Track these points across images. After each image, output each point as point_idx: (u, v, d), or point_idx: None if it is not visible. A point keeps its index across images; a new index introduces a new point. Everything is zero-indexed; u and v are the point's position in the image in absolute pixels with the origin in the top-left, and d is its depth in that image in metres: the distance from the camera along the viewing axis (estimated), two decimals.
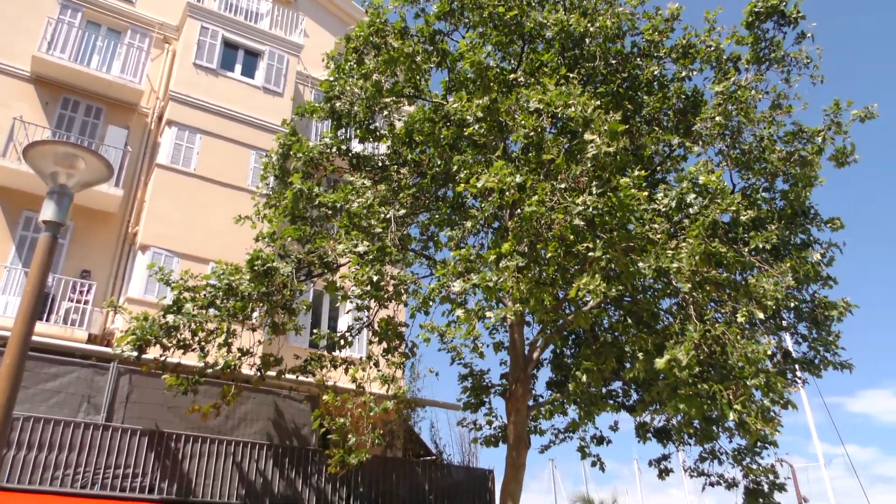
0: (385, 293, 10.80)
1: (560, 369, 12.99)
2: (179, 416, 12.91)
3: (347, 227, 10.63)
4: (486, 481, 15.59)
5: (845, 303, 10.88)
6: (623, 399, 12.93)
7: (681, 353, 8.23)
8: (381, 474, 14.29)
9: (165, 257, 14.95)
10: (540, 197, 8.55)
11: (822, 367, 11.30)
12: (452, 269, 9.59)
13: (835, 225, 11.34)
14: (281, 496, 12.96)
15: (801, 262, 10.32)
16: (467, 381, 12.45)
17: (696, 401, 8.51)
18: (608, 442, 12.94)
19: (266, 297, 10.65)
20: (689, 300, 9.05)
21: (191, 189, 16.00)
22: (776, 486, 12.03)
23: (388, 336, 11.34)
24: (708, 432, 11.36)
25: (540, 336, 11.98)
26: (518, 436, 11.54)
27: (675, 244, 9.01)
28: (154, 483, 11.88)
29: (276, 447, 13.42)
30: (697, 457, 12.95)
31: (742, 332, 9.14)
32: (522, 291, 8.57)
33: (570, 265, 8.91)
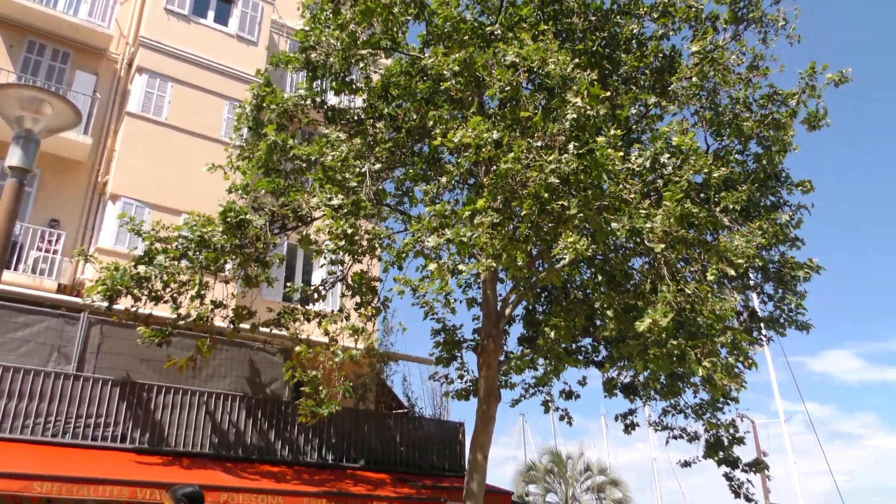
0: (359, 247, 10.79)
1: (532, 325, 13.16)
2: (152, 367, 12.92)
3: (322, 180, 10.54)
4: (456, 433, 15.90)
5: (811, 264, 11.11)
6: (592, 355, 13.19)
7: (659, 316, 8.38)
8: (354, 426, 14.50)
9: (136, 208, 14.74)
10: (516, 154, 8.55)
11: (787, 326, 11.60)
12: (427, 225, 9.59)
13: (805, 187, 11.51)
14: (254, 447, 13.12)
15: (770, 223, 10.49)
16: (440, 335, 12.56)
17: (665, 359, 8.71)
18: (576, 397, 13.23)
19: (239, 250, 10.59)
20: (662, 260, 9.18)
21: (162, 139, 15.71)
22: (735, 439, 12.44)
23: (361, 290, 11.37)
24: (674, 388, 11.66)
25: (512, 292, 12.10)
26: (489, 389, 11.73)
27: (648, 204, 9.10)
28: (126, 433, 11.94)
29: (249, 399, 13.52)
30: (661, 411, 13.30)
31: (711, 291, 9.33)
32: (496, 248, 8.62)
33: (545, 223, 8.96)
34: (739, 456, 12.54)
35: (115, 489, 9.33)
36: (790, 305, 11.56)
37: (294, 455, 13.48)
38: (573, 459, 33.02)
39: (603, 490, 32.58)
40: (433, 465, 15.18)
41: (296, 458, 13.44)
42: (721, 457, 12.47)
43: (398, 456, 14.80)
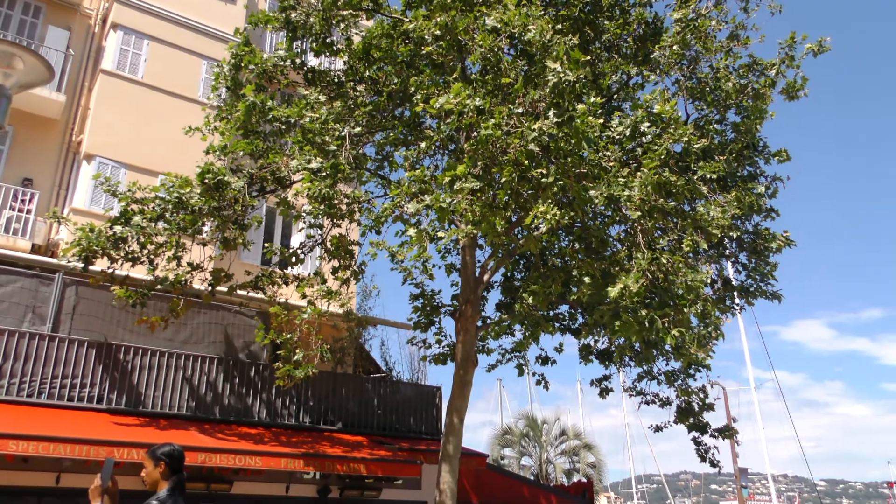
0: (338, 211, 10.76)
1: (509, 292, 13.26)
2: (128, 329, 12.87)
3: (301, 143, 10.44)
4: (433, 398, 16.09)
5: (784, 236, 11.28)
6: (569, 322, 13.34)
7: (631, 282, 8.49)
8: (332, 389, 14.61)
9: (112, 168, 14.53)
10: (497, 120, 8.53)
11: (758, 295, 11.81)
12: (406, 190, 9.57)
13: (781, 157, 11.61)
14: (231, 408, 13.18)
15: (746, 193, 10.60)
16: (418, 301, 12.63)
17: (634, 326, 8.84)
18: (553, 362, 13.40)
19: (217, 212, 10.50)
20: (638, 228, 9.26)
21: (138, 98, 15.42)
22: (705, 405, 12.72)
23: (339, 254, 11.37)
24: (647, 355, 11.85)
25: (491, 259, 12.16)
26: (466, 354, 11.85)
27: (627, 172, 9.14)
28: (102, 394, 11.93)
29: (227, 361, 13.55)
30: (636, 377, 13.53)
31: (685, 261, 9.45)
32: (475, 214, 8.64)
33: (524, 190, 8.99)
34: (709, 422, 12.84)
35: (91, 448, 9.36)
36: (762, 275, 11.75)
37: (272, 417, 13.57)
38: (548, 424, 33.60)
39: (577, 454, 33.23)
40: (410, 428, 15.38)
41: (273, 421, 13.54)
42: (691, 422, 12.76)
43: (375, 419, 14.96)
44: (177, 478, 4.37)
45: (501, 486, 18.00)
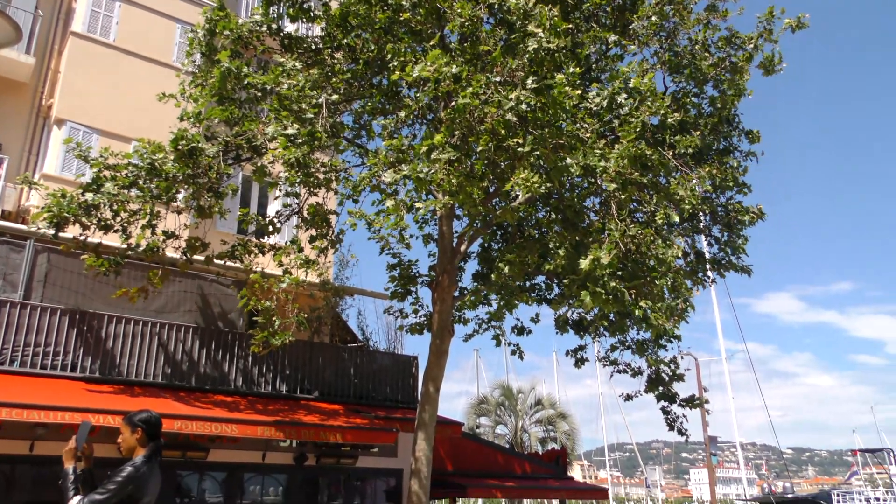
0: (314, 179, 10.69)
1: (486, 262, 13.34)
2: (101, 297, 12.74)
3: (277, 110, 10.32)
4: (410, 367, 16.20)
5: (757, 210, 11.44)
6: (545, 292, 13.47)
7: (603, 254, 8.58)
8: (308, 358, 14.65)
9: (83, 133, 14.26)
10: (474, 89, 8.50)
11: (729, 269, 12.00)
12: (384, 159, 9.53)
13: (753, 137, 11.74)
14: (207, 377, 13.18)
15: (720, 168, 10.71)
16: (395, 270, 12.67)
17: (602, 297, 8.96)
18: (528, 332, 13.56)
19: (191, 179, 10.39)
20: (613, 200, 9.34)
21: (110, 62, 15.09)
22: (675, 375, 12.98)
23: (316, 223, 11.33)
24: (620, 325, 12.03)
25: (468, 229, 12.20)
26: (442, 324, 11.94)
27: (604, 144, 9.18)
28: (76, 361, 11.86)
29: (203, 330, 13.50)
30: (609, 347, 13.74)
31: (659, 234, 9.56)
32: (452, 184, 8.64)
33: (501, 160, 9.00)
34: (677, 392, 13.11)
35: (66, 415, 9.33)
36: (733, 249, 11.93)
37: (248, 385, 13.60)
38: (524, 394, 34.05)
39: (551, 423, 33.76)
40: (386, 396, 15.50)
41: (250, 389, 13.57)
42: (660, 392, 13.02)
43: (352, 388, 15.05)
44: (154, 444, 4.38)
45: (476, 454, 18.27)
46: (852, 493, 40.36)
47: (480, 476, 17.37)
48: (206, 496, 13.67)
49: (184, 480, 13.18)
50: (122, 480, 4.04)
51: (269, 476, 14.01)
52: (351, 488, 15.08)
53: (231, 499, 13.21)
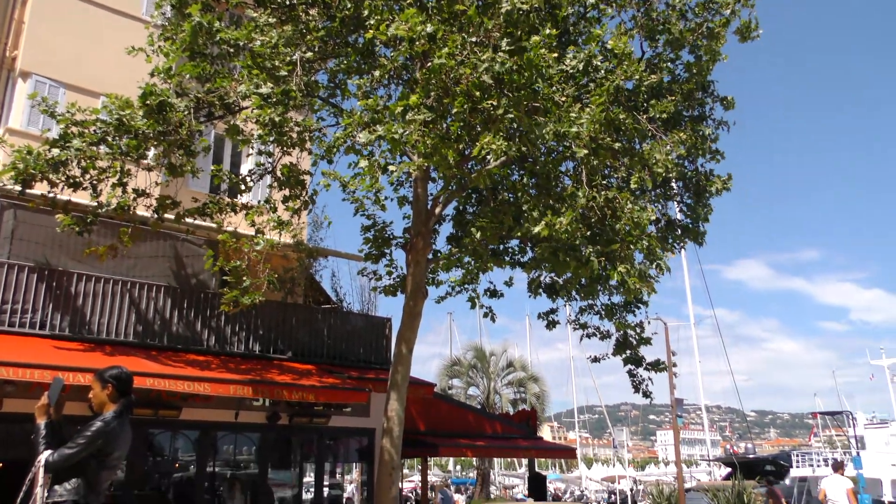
0: (288, 139, 10.57)
1: (461, 225, 13.36)
2: (71, 254, 12.58)
3: (250, 67, 10.13)
4: (383, 328, 16.30)
5: (723, 180, 11.56)
6: (518, 256, 13.57)
7: (561, 219, 8.63)
8: (281, 319, 14.66)
9: (50, 87, 13.89)
10: (450, 49, 8.42)
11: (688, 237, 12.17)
12: (358, 119, 9.44)
13: (727, 103, 11.77)
14: (179, 336, 13.15)
15: (693, 135, 10.77)
16: (369, 232, 12.64)
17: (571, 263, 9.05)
18: (500, 295, 13.66)
19: (162, 137, 10.20)
20: (584, 165, 9.37)
21: (77, 13, 14.64)
22: (642, 339, 13.22)
23: (289, 183, 11.23)
24: (591, 289, 12.18)
25: (443, 192, 12.18)
26: (416, 286, 12.00)
27: (579, 108, 9.18)
28: (45, 319, 11.75)
29: (174, 289, 13.42)
30: (578, 310, 13.91)
31: (632, 198, 9.64)
32: (427, 146, 8.61)
33: (476, 122, 8.96)
34: (644, 355, 13.36)
35: (36, 372, 9.28)
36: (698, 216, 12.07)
37: (220, 345, 13.60)
38: (496, 356, 34.47)
39: (522, 385, 34.29)
40: (360, 357, 15.60)
41: (222, 349, 13.57)
42: (627, 355, 13.26)
43: (325, 349, 15.12)
44: (125, 400, 4.41)
45: (448, 414, 18.56)
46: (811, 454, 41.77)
47: (452, 436, 17.68)
48: (178, 454, 13.76)
49: (156, 439, 13.24)
50: (91, 434, 4.07)
51: (241, 435, 14.12)
52: (324, 447, 15.26)
53: (204, 457, 13.31)
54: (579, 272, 9.22)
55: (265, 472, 14.02)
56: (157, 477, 13.24)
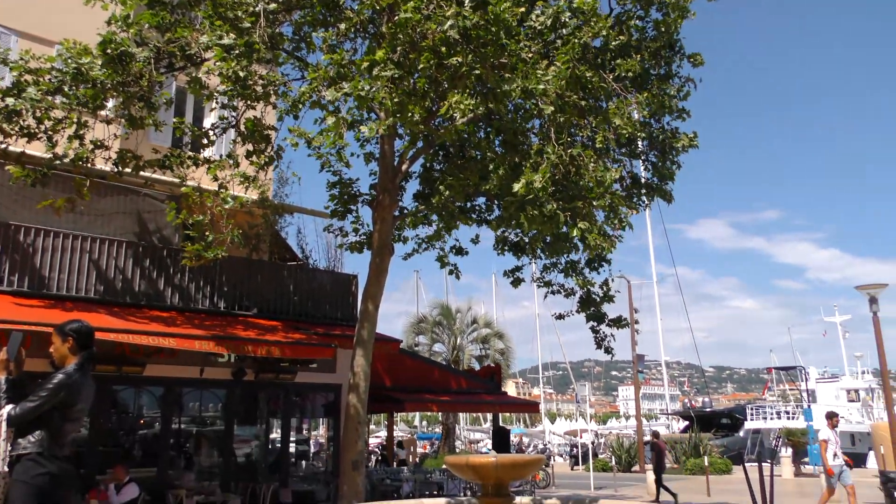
0: (252, 92, 10.37)
1: (428, 183, 13.34)
2: (27, 208, 12.28)
3: (212, 17, 9.86)
4: (349, 285, 16.31)
5: (689, 137, 11.66)
6: (485, 214, 13.62)
7: (538, 177, 8.68)
8: (247, 276, 14.57)
9: (1, 34, 13.35)
10: (416, 3, 8.29)
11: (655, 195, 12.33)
12: (324, 74, 9.30)
13: (696, 60, 11.80)
14: (142, 293, 13.00)
15: (660, 93, 10.82)
16: (336, 189, 12.56)
17: (539, 219, 9.12)
18: (466, 253, 13.75)
19: (121, 87, 9.92)
20: (552, 122, 9.38)
21: None
22: (606, 297, 13.45)
23: (253, 137, 11.05)
24: (556, 247, 12.31)
25: (410, 149, 12.12)
26: (382, 243, 12.01)
27: (546, 65, 9.15)
28: (2, 275, 11.51)
29: (136, 245, 13.23)
30: (543, 268, 14.07)
31: (597, 157, 9.69)
32: (394, 103, 8.53)
33: (443, 78, 8.89)
34: (606, 312, 13.60)
35: None
36: (663, 175, 12.20)
37: (185, 302, 13.49)
38: (462, 313, 34.79)
39: (488, 341, 34.74)
40: (326, 314, 15.63)
41: (186, 305, 13.47)
42: (591, 312, 13.50)
43: (291, 305, 15.10)
44: (86, 353, 4.38)
45: (414, 370, 18.78)
46: (764, 407, 43.36)
47: (417, 391, 17.92)
48: (143, 411, 13.74)
49: (120, 395, 13.18)
50: (53, 387, 4.06)
51: (207, 391, 14.13)
52: (290, 403, 15.37)
53: (169, 414, 13.32)
54: (545, 227, 9.30)
55: (231, 429, 14.09)
56: (122, 434, 13.23)
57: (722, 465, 27.68)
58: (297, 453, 16.18)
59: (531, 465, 8.51)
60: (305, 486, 14.82)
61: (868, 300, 15.36)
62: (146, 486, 11.43)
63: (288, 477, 14.66)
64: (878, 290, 15.29)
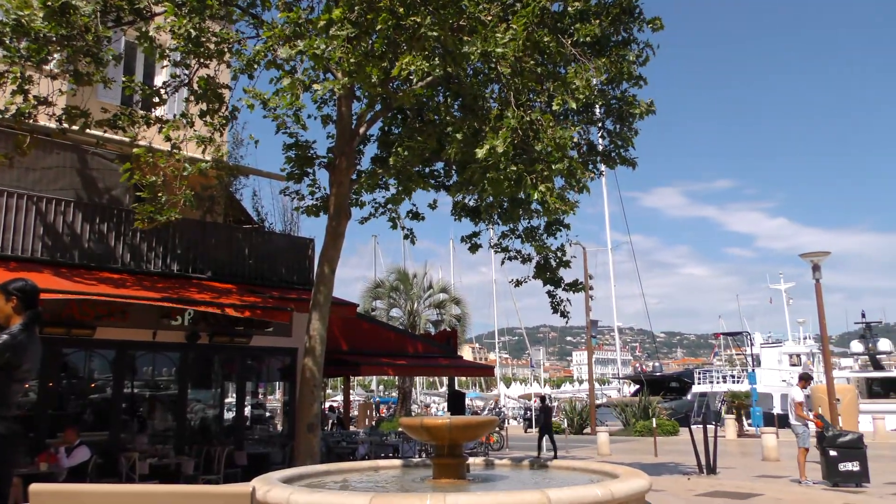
0: (205, 50, 10.10)
1: (386, 147, 13.24)
2: None
3: None
4: (306, 249, 16.19)
5: (647, 103, 11.77)
6: (444, 179, 13.61)
7: (499, 142, 8.69)
8: (201, 238, 14.33)
9: None
10: None
11: (617, 161, 12.47)
12: (279, 32, 9.09)
13: (655, 25, 11.80)
14: (91, 253, 12.70)
15: (618, 60, 10.86)
16: (292, 151, 12.38)
17: (502, 182, 9.16)
18: (422, 218, 13.76)
19: (66, 41, 9.55)
20: (510, 86, 9.37)
21: None
22: (562, 262, 13.63)
23: (207, 97, 10.79)
24: (513, 213, 12.39)
25: (367, 111, 11.99)
26: (339, 206, 11.92)
27: (504, 29, 9.10)
28: None
29: (85, 205, 12.88)
30: (500, 234, 14.19)
31: (555, 121, 9.73)
32: (351, 63, 8.40)
33: (401, 39, 8.78)
34: (563, 277, 13.81)
35: None
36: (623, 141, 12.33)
37: (136, 263, 13.23)
38: (419, 278, 34.88)
39: (444, 306, 34.97)
40: (282, 278, 15.51)
41: (138, 267, 13.21)
42: (547, 277, 13.68)
43: (246, 268, 14.93)
44: (31, 313, 4.28)
45: (370, 334, 18.84)
46: (711, 371, 44.81)
47: (374, 355, 18.00)
48: (94, 375, 13.52)
49: (70, 358, 12.94)
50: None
51: (160, 355, 13.96)
52: (245, 366, 15.29)
53: (121, 378, 13.13)
54: (510, 190, 9.33)
55: (185, 392, 13.99)
56: (73, 397, 13.02)
57: (669, 426, 28.59)
58: (252, 417, 16.17)
59: (484, 427, 8.67)
60: (261, 449, 14.86)
61: (811, 268, 15.89)
62: (97, 449, 11.31)
63: (243, 440, 14.66)
64: (821, 258, 15.82)
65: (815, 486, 12.03)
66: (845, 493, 10.92)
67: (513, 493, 5.86)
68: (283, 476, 7.18)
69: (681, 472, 14.22)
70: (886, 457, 18.05)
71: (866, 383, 34.32)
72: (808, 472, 12.59)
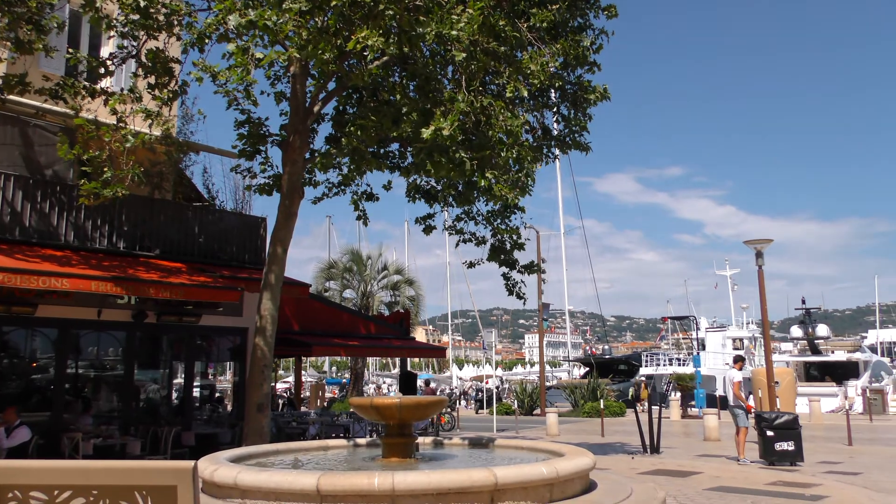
0: (154, 22, 9.82)
1: (340, 126, 13.09)
2: None
3: None
4: (258, 228, 15.98)
5: (602, 89, 11.91)
6: (399, 161, 13.54)
7: (446, 125, 8.68)
8: (149, 215, 14.01)
9: None
10: None
11: (571, 146, 12.60)
12: (230, 5, 8.90)
13: (610, 12, 11.93)
14: (33, 230, 12.31)
15: (573, 45, 10.94)
16: (244, 128, 12.15)
17: (446, 166, 9.17)
18: (376, 198, 13.68)
19: (5, 7, 9.18)
20: (463, 70, 9.36)
21: None
22: (517, 245, 13.75)
23: (156, 70, 10.51)
24: (467, 196, 12.43)
25: (321, 90, 11.84)
26: (292, 186, 11.78)
27: (461, 11, 9.07)
28: None
29: (26, 179, 12.45)
30: (455, 217, 14.21)
31: (508, 106, 9.77)
32: (303, 38, 8.28)
33: (356, 17, 8.69)
34: (518, 259, 13.95)
35: None
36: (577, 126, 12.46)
37: (81, 240, 12.87)
38: (373, 259, 34.74)
39: (398, 288, 34.94)
40: (233, 257, 15.29)
41: (83, 244, 12.86)
42: (502, 259, 13.79)
43: (196, 247, 14.67)
44: None
45: (323, 315, 18.75)
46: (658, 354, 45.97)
47: (326, 335, 17.93)
48: (36, 354, 13.16)
49: (10, 336, 12.57)
50: None
51: (105, 333, 13.66)
52: (194, 346, 15.07)
53: (64, 357, 12.80)
54: (453, 174, 9.37)
55: (132, 372, 13.72)
56: (14, 377, 12.66)
57: (617, 408, 29.25)
58: (201, 397, 15.97)
59: (434, 406, 8.76)
60: (209, 430, 14.70)
61: (755, 254, 16.38)
62: (39, 429, 11.05)
63: (191, 420, 14.47)
64: (764, 245, 16.32)
65: (752, 464, 12.50)
66: (780, 471, 11.38)
67: (460, 471, 5.96)
68: (231, 455, 7.14)
69: (626, 452, 14.60)
70: (820, 437, 18.84)
71: (804, 367, 35.61)
72: (745, 452, 13.07)
